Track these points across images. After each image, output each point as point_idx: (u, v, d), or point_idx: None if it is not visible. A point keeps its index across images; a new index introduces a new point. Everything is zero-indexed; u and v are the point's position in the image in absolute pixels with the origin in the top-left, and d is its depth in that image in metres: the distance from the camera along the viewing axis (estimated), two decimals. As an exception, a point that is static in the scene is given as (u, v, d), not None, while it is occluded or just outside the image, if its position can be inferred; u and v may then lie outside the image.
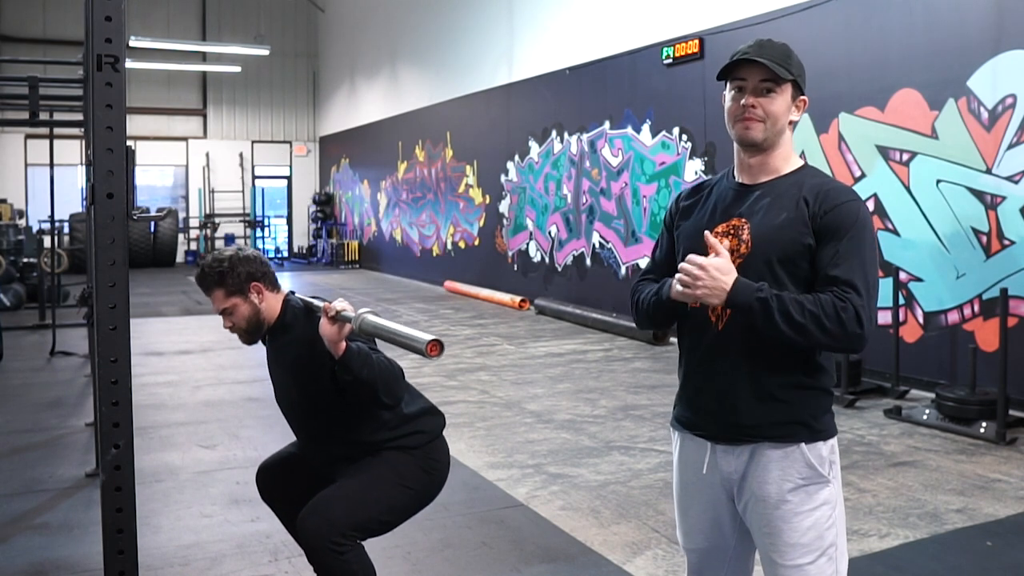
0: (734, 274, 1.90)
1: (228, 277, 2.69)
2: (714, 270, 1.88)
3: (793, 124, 2.06)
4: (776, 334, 1.88)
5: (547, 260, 11.79)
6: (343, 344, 2.48)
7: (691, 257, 1.92)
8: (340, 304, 2.47)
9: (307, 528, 2.59)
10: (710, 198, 2.12)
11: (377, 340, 2.46)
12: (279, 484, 2.97)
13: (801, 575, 1.96)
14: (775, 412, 1.98)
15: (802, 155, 7.53)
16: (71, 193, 17.15)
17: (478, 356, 8.37)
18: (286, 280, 16.51)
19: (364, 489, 2.67)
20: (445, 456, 2.86)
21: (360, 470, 2.70)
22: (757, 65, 1.98)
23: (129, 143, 2.11)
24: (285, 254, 22.17)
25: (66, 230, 15.94)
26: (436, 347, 2.11)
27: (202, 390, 6.92)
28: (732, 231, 2.01)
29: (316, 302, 2.67)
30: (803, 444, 1.97)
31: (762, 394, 1.98)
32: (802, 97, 2.06)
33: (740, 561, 2.14)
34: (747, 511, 2.03)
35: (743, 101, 1.99)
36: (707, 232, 1.99)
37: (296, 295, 2.86)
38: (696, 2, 8.93)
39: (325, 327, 2.47)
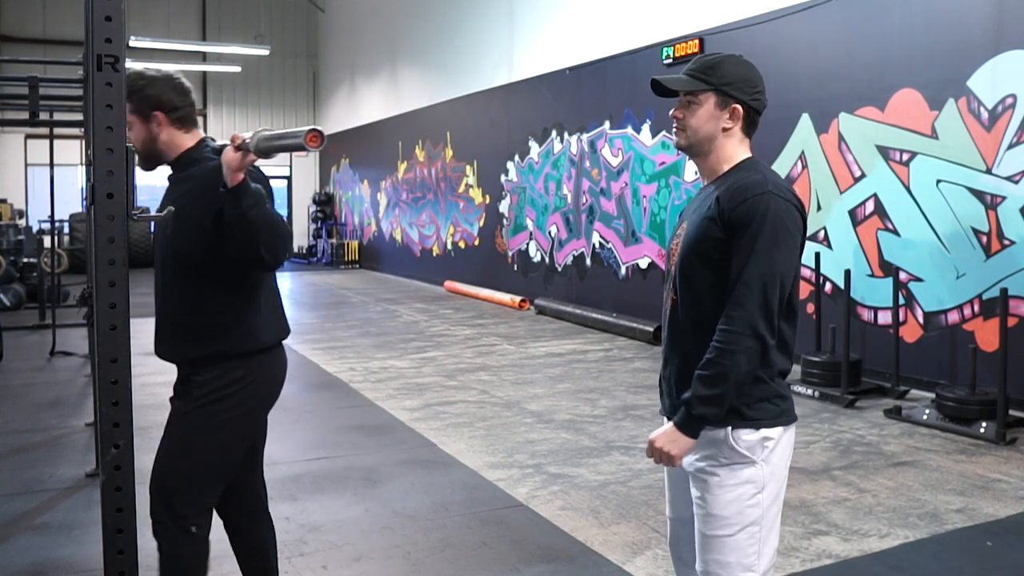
0: (667, 427, 2.06)
1: (134, 96, 2.59)
2: (660, 444, 2.06)
3: (729, 131, 2.13)
4: (725, 404, 2.02)
5: (547, 260, 11.79)
6: (241, 175, 2.38)
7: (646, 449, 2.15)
8: (247, 134, 2.37)
9: (151, 501, 2.58)
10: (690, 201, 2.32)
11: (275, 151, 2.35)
12: None
13: (721, 546, 2.07)
14: None
15: (802, 156, 7.57)
16: (71, 193, 17.16)
17: (478, 356, 8.37)
18: (285, 280, 16.49)
19: (185, 446, 2.61)
20: (270, 369, 2.70)
21: (179, 423, 2.63)
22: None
23: (129, 143, 2.11)
24: (285, 254, 22.14)
25: (66, 230, 15.95)
26: (317, 138, 2.09)
27: (202, 390, 6.91)
28: (681, 232, 2.18)
29: None
30: (729, 428, 2.06)
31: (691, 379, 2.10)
32: (733, 105, 2.11)
33: None
34: (691, 484, 2.18)
35: (670, 112, 2.19)
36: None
37: (215, 141, 2.76)
38: (696, 2, 8.93)
39: (228, 154, 2.37)
